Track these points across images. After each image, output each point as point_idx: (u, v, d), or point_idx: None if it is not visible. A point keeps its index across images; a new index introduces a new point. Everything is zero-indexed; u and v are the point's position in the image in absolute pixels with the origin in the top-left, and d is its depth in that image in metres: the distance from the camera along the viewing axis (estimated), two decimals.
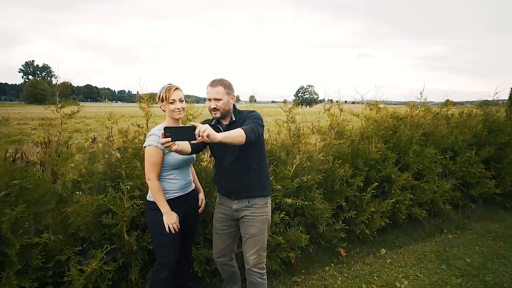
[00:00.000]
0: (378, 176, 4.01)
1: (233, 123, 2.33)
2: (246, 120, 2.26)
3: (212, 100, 2.27)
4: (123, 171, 2.52)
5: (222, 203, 2.51)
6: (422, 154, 4.29)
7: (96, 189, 2.70)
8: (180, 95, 2.35)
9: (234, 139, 1.97)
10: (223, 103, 2.27)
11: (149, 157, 2.28)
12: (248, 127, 2.10)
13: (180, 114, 2.35)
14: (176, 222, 2.36)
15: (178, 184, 2.42)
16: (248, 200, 2.40)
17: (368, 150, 3.94)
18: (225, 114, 2.32)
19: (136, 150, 2.78)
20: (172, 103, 2.31)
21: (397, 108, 4.65)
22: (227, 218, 2.49)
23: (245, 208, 2.41)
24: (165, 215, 2.32)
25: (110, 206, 2.49)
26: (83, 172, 2.67)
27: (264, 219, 2.44)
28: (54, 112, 2.58)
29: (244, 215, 2.42)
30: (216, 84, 2.27)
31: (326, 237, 3.65)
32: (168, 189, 2.39)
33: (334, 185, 3.71)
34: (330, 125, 4.05)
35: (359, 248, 3.90)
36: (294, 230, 3.30)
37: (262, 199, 2.43)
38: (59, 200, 2.63)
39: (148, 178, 2.31)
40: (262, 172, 2.45)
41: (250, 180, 2.38)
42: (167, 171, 2.38)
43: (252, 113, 2.33)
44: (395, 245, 4.00)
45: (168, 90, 2.31)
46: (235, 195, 2.42)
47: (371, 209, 3.79)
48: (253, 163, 2.37)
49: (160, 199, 2.32)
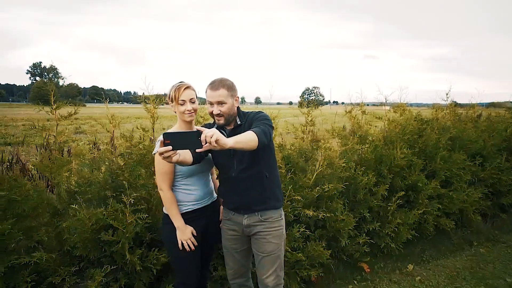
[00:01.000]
0: (404, 184, 3.67)
1: (239, 127, 2.03)
2: (253, 122, 1.98)
3: (214, 105, 1.96)
4: (125, 182, 2.21)
5: (230, 219, 2.18)
6: (450, 160, 3.94)
7: (95, 200, 2.40)
8: (191, 95, 2.06)
9: (246, 144, 1.69)
10: (227, 107, 1.96)
11: (159, 165, 2.01)
12: (259, 129, 1.82)
13: (191, 116, 2.07)
14: (192, 238, 2.08)
15: (195, 194, 2.14)
16: (261, 214, 2.09)
17: (393, 155, 3.60)
18: (229, 119, 2.01)
19: (141, 156, 2.48)
20: (182, 104, 2.04)
21: (422, 111, 4.31)
22: (238, 235, 2.17)
23: (257, 223, 2.10)
24: (178, 230, 2.06)
25: (111, 221, 2.18)
26: (80, 181, 2.37)
27: (280, 233, 2.13)
28: (49, 113, 2.29)
29: (257, 231, 2.10)
30: (217, 86, 1.95)
31: (347, 251, 3.32)
32: (183, 201, 2.11)
33: (357, 194, 3.38)
34: (351, 129, 3.71)
35: (383, 262, 3.56)
36: (314, 244, 2.97)
37: (275, 211, 2.13)
38: (53, 212, 2.34)
39: (160, 188, 2.05)
40: (274, 180, 2.15)
41: (262, 191, 2.07)
42: (181, 180, 2.11)
43: (259, 114, 2.04)
44: (423, 260, 3.65)
45: (178, 89, 2.03)
46: (245, 209, 2.10)
47: (397, 221, 3.45)
48: (265, 171, 2.07)
49: (172, 211, 2.05)
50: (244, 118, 2.05)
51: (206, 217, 2.22)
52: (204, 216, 2.20)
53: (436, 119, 4.14)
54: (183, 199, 2.12)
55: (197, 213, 2.16)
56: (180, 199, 2.11)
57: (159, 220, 2.45)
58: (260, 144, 1.76)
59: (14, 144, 10.74)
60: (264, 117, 2.01)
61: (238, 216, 2.13)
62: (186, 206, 2.13)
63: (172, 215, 2.06)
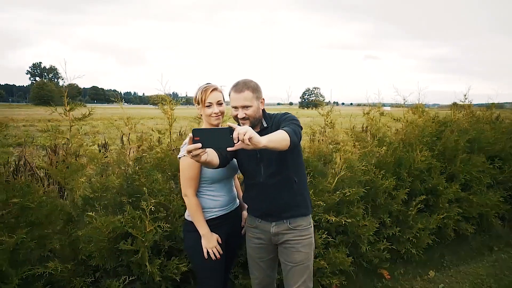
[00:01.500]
0: (423, 188, 3.56)
1: (265, 129, 1.93)
2: (281, 124, 1.88)
3: (239, 109, 1.86)
4: (145, 188, 2.09)
5: (256, 226, 2.07)
6: (470, 163, 3.83)
7: (111, 207, 2.28)
8: (218, 97, 1.99)
9: (279, 143, 1.59)
10: (253, 110, 1.87)
11: (185, 170, 1.92)
12: (289, 128, 1.72)
13: (218, 120, 2.00)
14: (217, 246, 1.98)
15: (220, 200, 2.05)
16: (290, 221, 1.98)
17: (413, 158, 3.49)
18: (255, 122, 1.91)
19: (158, 160, 2.37)
20: (209, 106, 1.96)
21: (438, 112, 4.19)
22: (264, 243, 2.06)
23: (286, 231, 1.98)
24: (204, 238, 1.96)
25: (129, 229, 2.07)
26: (95, 187, 2.25)
27: (309, 242, 2.02)
28: (62, 115, 2.17)
29: (286, 239, 1.99)
30: (242, 89, 1.85)
31: (367, 257, 3.21)
32: (208, 207, 2.02)
33: (377, 199, 3.27)
34: (369, 131, 3.60)
35: (403, 268, 3.44)
36: (335, 251, 2.86)
37: (305, 218, 2.02)
38: (67, 220, 2.22)
39: (185, 194, 1.96)
40: (303, 185, 2.05)
41: (291, 197, 1.97)
42: (206, 186, 2.02)
43: (286, 115, 1.94)
44: (443, 266, 3.54)
45: (205, 91, 1.96)
46: (273, 216, 1.99)
47: (418, 226, 3.33)
48: (294, 176, 1.96)
49: (198, 218, 1.96)
50: (270, 120, 1.95)
51: (230, 223, 2.14)
52: (228, 222, 2.12)
53: (454, 120, 4.02)
54: (208, 206, 2.04)
55: (222, 220, 2.07)
56: (205, 206, 2.03)
57: (177, 227, 2.34)
58: (292, 144, 1.66)
59: (15, 146, 10.63)
60: (292, 117, 1.91)
61: (265, 224, 2.02)
62: (211, 212, 2.04)
63: (197, 222, 1.97)
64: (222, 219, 2.07)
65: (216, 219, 2.05)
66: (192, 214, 1.98)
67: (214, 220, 2.04)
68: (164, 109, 2.42)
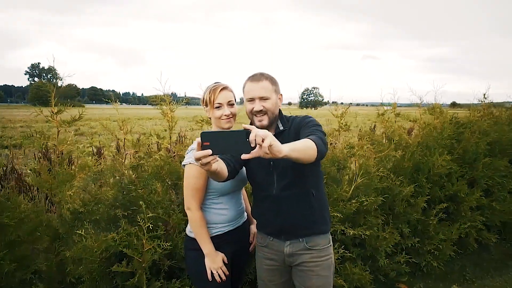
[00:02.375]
0: (443, 195, 3.30)
1: (281, 133, 1.68)
2: (301, 128, 1.63)
3: (256, 100, 1.62)
4: (141, 201, 1.82)
5: (267, 245, 1.80)
6: (492, 167, 3.57)
7: (103, 222, 2.02)
8: (229, 97, 1.75)
9: (304, 154, 1.34)
10: (272, 104, 1.63)
11: (190, 179, 1.68)
12: (316, 137, 1.46)
13: (229, 122, 1.75)
14: (223, 267, 1.74)
15: (227, 215, 1.81)
16: (306, 240, 1.71)
17: (432, 163, 3.23)
18: (273, 120, 1.67)
19: (157, 169, 2.10)
20: (218, 107, 1.72)
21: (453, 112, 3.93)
22: (277, 265, 1.79)
23: (302, 252, 1.72)
24: (208, 258, 1.72)
25: (124, 249, 1.80)
26: (85, 199, 1.99)
27: (329, 264, 1.76)
28: (49, 118, 1.91)
29: (302, 261, 1.72)
30: (260, 78, 1.63)
31: (384, 270, 2.95)
32: (213, 222, 1.78)
33: (395, 207, 3.01)
34: (384, 133, 3.34)
35: (423, 282, 3.18)
36: (352, 266, 2.60)
37: (324, 236, 1.75)
38: (54, 237, 1.96)
39: (188, 207, 1.71)
40: (322, 199, 1.77)
41: (308, 212, 1.70)
42: (213, 198, 1.78)
43: (307, 119, 1.69)
44: (465, 279, 3.28)
45: (213, 91, 1.72)
46: (287, 235, 1.73)
47: (439, 236, 3.07)
48: (311, 188, 1.70)
49: (202, 235, 1.72)
50: (287, 123, 1.69)
51: (237, 240, 1.88)
52: (235, 239, 1.86)
53: (474, 121, 3.76)
54: (214, 221, 1.79)
55: (228, 236, 1.83)
56: (210, 221, 1.78)
57: (178, 244, 2.08)
58: (319, 155, 1.42)
59: (11, 147, 10.35)
60: (314, 122, 1.65)
61: (278, 243, 1.75)
62: (217, 228, 1.80)
63: (200, 240, 1.72)
64: (228, 236, 1.83)
65: (222, 236, 1.81)
66: (195, 230, 1.74)
67: (220, 237, 1.80)
68: (163, 111, 2.15)
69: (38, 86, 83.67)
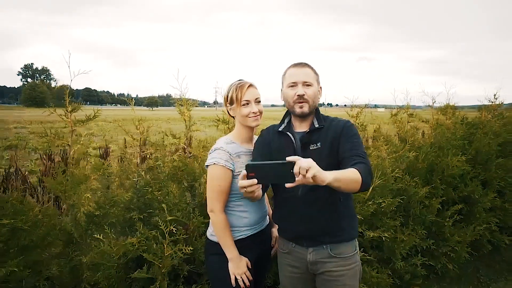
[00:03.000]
0: (457, 196, 3.26)
1: (317, 131, 1.59)
2: (342, 137, 1.54)
3: (298, 85, 1.56)
4: (163, 204, 1.74)
5: (289, 252, 1.71)
6: (504, 168, 3.54)
7: (119, 225, 1.94)
8: (256, 94, 1.69)
9: (346, 185, 1.32)
10: (314, 91, 1.58)
11: (215, 181, 1.61)
12: (364, 166, 1.41)
13: (257, 121, 1.69)
14: (247, 272, 1.67)
15: (250, 218, 1.73)
16: (331, 248, 1.61)
17: (446, 164, 3.18)
18: (312, 111, 1.60)
19: (174, 170, 2.02)
20: (246, 105, 1.65)
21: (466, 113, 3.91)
22: (299, 273, 1.69)
23: (327, 260, 1.61)
24: (232, 262, 1.65)
25: (144, 254, 1.72)
26: (101, 202, 1.90)
27: (355, 272, 1.66)
28: (63, 117, 1.82)
29: (327, 270, 1.62)
30: (303, 65, 1.60)
31: (398, 273, 2.89)
32: (237, 226, 1.71)
33: (410, 209, 2.96)
34: (398, 134, 3.29)
35: (438, 285, 3.13)
36: (369, 269, 2.54)
37: (350, 244, 1.65)
38: (67, 241, 1.87)
39: (211, 209, 1.65)
40: (349, 204, 1.68)
41: (334, 218, 1.61)
42: (236, 201, 1.70)
43: (350, 127, 1.59)
44: (480, 282, 3.23)
45: (240, 87, 1.65)
46: (310, 241, 1.63)
47: (455, 238, 3.03)
48: (339, 193, 1.58)
49: (225, 239, 1.65)
50: (323, 121, 1.61)
51: (260, 244, 1.81)
52: (258, 243, 1.79)
53: (485, 122, 3.73)
54: (237, 224, 1.72)
55: (251, 240, 1.75)
56: (233, 224, 1.71)
57: (197, 248, 2.00)
58: (362, 189, 1.36)
59: (5, 148, 10.17)
60: (356, 133, 1.57)
61: (301, 250, 1.66)
62: (240, 232, 1.72)
63: (224, 244, 1.65)
64: (251, 240, 1.75)
65: (245, 240, 1.73)
66: (219, 234, 1.66)
67: (243, 241, 1.72)
68: (181, 110, 2.07)
69: (31, 87, 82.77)
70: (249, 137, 1.76)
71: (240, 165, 1.68)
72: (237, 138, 1.74)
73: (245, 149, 1.74)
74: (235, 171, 1.64)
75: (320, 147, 1.56)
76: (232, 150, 1.67)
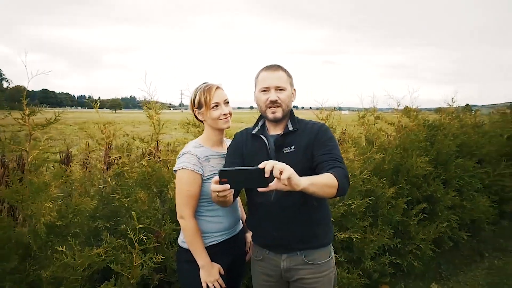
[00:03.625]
0: (421, 196, 3.40)
1: (291, 133, 1.57)
2: (316, 142, 1.53)
3: (271, 90, 1.53)
4: (126, 210, 1.66)
5: (263, 259, 1.67)
6: (462, 168, 3.74)
7: (83, 235, 1.82)
8: (224, 96, 1.66)
9: (321, 190, 1.31)
10: (287, 96, 1.55)
11: (183, 186, 1.57)
12: (341, 171, 1.40)
13: (228, 122, 1.67)
14: (219, 279, 1.63)
15: (223, 223, 1.70)
16: (305, 254, 1.59)
17: (411, 164, 3.31)
18: (286, 115, 1.58)
19: (143, 176, 1.94)
20: (215, 107, 1.62)
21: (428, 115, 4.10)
22: (273, 281, 1.67)
23: (301, 267, 1.59)
24: (203, 270, 1.60)
25: (111, 265, 1.62)
26: (63, 211, 1.78)
27: (330, 279, 1.64)
28: (19, 121, 1.68)
29: (300, 277, 1.59)
30: (276, 68, 1.56)
31: (367, 272, 2.96)
32: (208, 231, 1.67)
33: (378, 209, 3.04)
34: (365, 136, 3.38)
35: (404, 282, 3.25)
36: (340, 270, 2.58)
37: (324, 250, 1.63)
38: (24, 254, 1.72)
39: (181, 215, 1.60)
40: (324, 209, 1.66)
41: (308, 224, 1.59)
42: (207, 206, 1.66)
43: (326, 131, 1.57)
44: (442, 277, 3.39)
45: (208, 90, 1.62)
46: (283, 248, 1.61)
47: (420, 236, 3.15)
48: (312, 198, 1.53)
49: (196, 246, 1.60)
50: (297, 124, 1.60)
51: (233, 249, 1.77)
52: (231, 248, 1.76)
53: (445, 124, 3.93)
54: (209, 230, 1.68)
55: (224, 246, 1.72)
56: (204, 230, 1.67)
57: (169, 256, 1.93)
58: (338, 194, 1.36)
59: None
60: (332, 137, 1.56)
61: (274, 256, 1.63)
62: (212, 238, 1.68)
63: (195, 250, 1.60)
64: (224, 245, 1.72)
65: (218, 246, 1.69)
66: (189, 241, 1.61)
67: (215, 247, 1.68)
68: (149, 113, 1.99)
69: None
70: (219, 140, 1.72)
71: (209, 169, 1.64)
72: (207, 141, 1.70)
73: (214, 152, 1.70)
74: (204, 175, 1.61)
75: (294, 150, 1.54)
76: (200, 154, 1.63)
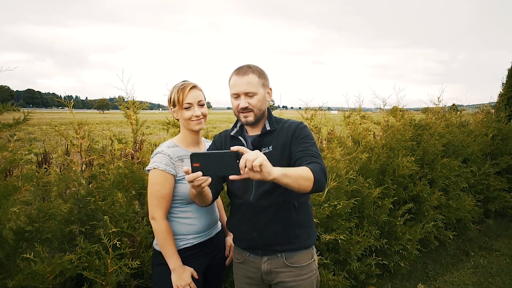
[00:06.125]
0: (408, 196, 3.39)
1: (269, 133, 1.54)
2: (296, 139, 1.49)
3: (241, 96, 1.48)
4: (106, 215, 1.58)
5: (244, 262, 1.63)
6: (448, 167, 3.75)
7: (56, 240, 1.73)
8: (199, 97, 1.61)
9: (296, 182, 1.24)
10: (258, 99, 1.50)
11: (155, 186, 1.52)
12: (317, 166, 1.35)
13: (200, 124, 1.62)
14: (191, 283, 1.56)
15: (197, 225, 1.64)
16: (286, 256, 1.55)
17: (397, 164, 3.30)
18: (260, 117, 1.53)
19: (120, 177, 1.86)
20: (188, 108, 1.57)
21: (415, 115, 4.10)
22: (255, 284, 1.62)
23: (281, 270, 1.55)
24: (174, 273, 1.55)
25: (84, 272, 1.54)
26: (33, 215, 1.69)
27: (312, 281, 1.59)
28: None
29: (281, 280, 1.55)
30: (245, 71, 1.49)
31: (354, 273, 2.93)
32: (181, 234, 1.61)
33: (364, 210, 3.02)
34: (351, 135, 3.36)
35: (391, 283, 3.23)
36: (326, 272, 2.54)
37: (306, 252, 1.59)
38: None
39: (152, 217, 1.55)
40: (305, 211, 1.61)
41: (289, 226, 1.54)
42: (180, 207, 1.61)
43: (303, 129, 1.54)
44: (428, 277, 3.38)
45: (182, 89, 1.57)
46: (264, 250, 1.56)
47: (406, 236, 3.14)
48: (293, 199, 1.53)
49: (167, 248, 1.54)
50: (275, 124, 1.56)
51: (210, 253, 1.72)
52: (207, 252, 1.70)
53: (431, 124, 3.94)
54: (182, 232, 1.62)
55: (199, 249, 1.66)
56: (177, 232, 1.61)
57: (145, 261, 1.86)
58: (314, 188, 1.30)
59: None
60: (309, 135, 1.52)
61: (255, 258, 1.59)
62: (185, 240, 1.63)
63: (166, 253, 1.55)
64: (199, 248, 1.66)
65: (192, 249, 1.64)
66: (160, 243, 1.56)
67: (189, 250, 1.63)
68: (127, 114, 1.92)
69: None
70: (195, 141, 1.67)
71: (183, 169, 1.59)
72: (182, 141, 1.65)
73: (189, 152, 1.65)
74: (177, 176, 1.55)
75: (271, 150, 1.51)
76: (173, 153, 1.58)
